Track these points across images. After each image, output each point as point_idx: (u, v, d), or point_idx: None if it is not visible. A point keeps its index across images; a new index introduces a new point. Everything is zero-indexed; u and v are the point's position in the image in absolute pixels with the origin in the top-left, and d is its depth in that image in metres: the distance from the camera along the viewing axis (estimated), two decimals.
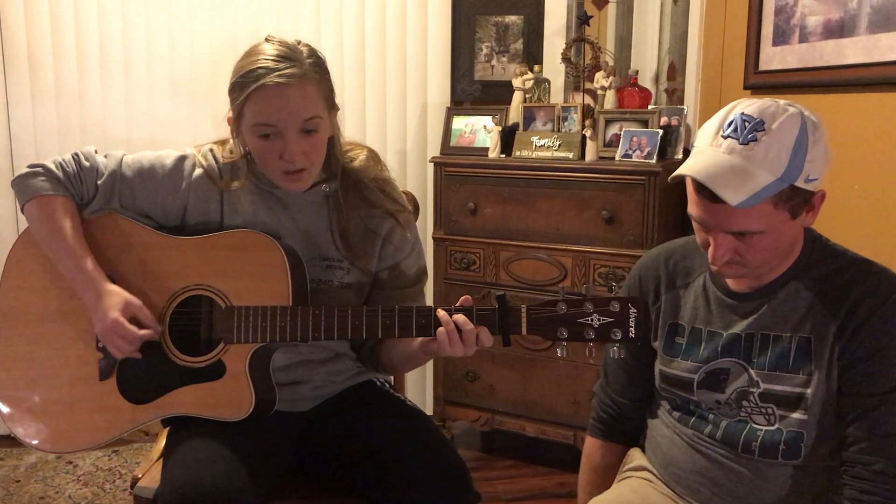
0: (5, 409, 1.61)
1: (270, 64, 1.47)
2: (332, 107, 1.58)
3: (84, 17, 2.91)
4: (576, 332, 1.38)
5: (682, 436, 1.49)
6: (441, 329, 1.41)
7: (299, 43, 1.54)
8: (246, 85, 1.47)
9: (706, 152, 1.30)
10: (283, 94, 1.47)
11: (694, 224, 1.37)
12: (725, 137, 1.28)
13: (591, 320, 1.38)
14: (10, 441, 3.02)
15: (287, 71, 1.46)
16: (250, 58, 1.50)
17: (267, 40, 1.53)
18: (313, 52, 1.54)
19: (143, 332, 1.52)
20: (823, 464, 1.37)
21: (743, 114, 1.28)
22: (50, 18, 2.89)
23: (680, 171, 1.30)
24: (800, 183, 1.26)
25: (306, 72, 1.49)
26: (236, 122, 1.54)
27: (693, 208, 1.33)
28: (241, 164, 1.62)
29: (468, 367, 2.85)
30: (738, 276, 1.40)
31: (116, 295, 1.53)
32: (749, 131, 1.26)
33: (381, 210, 1.65)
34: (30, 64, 2.90)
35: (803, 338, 1.36)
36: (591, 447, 1.67)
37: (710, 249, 1.34)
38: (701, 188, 1.28)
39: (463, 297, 1.45)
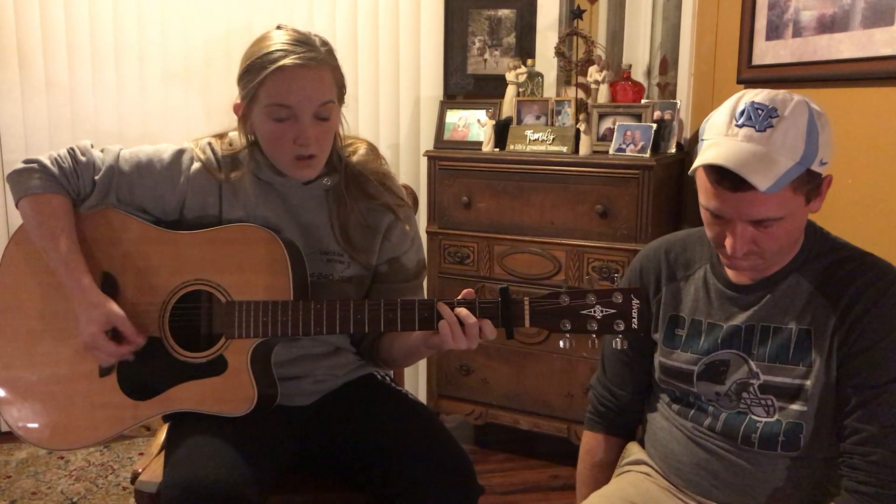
0: (5, 407, 1.60)
1: (288, 47, 1.49)
2: (342, 98, 1.59)
3: (75, 9, 2.88)
4: (579, 324, 1.38)
5: (681, 429, 1.50)
6: (443, 322, 1.41)
7: (311, 33, 1.55)
8: (263, 66, 1.48)
9: (723, 142, 1.29)
10: (301, 76, 1.48)
11: (707, 218, 1.36)
12: (740, 126, 1.28)
13: (594, 312, 1.38)
14: (1, 436, 3.00)
15: (305, 54, 1.48)
16: (265, 42, 1.51)
17: (279, 28, 1.55)
18: (326, 42, 1.56)
19: (121, 348, 1.52)
20: (822, 455, 1.38)
21: (753, 102, 1.29)
22: (40, 11, 2.86)
23: (704, 160, 1.29)
24: (815, 166, 1.27)
25: (323, 57, 1.51)
26: (247, 106, 1.54)
27: (710, 200, 1.32)
28: (241, 157, 1.61)
29: (462, 360, 2.86)
30: (752, 268, 1.39)
31: (99, 307, 1.52)
32: (764, 118, 1.27)
33: (381, 204, 1.65)
34: (19, 57, 2.87)
35: (803, 329, 1.37)
36: (590, 441, 1.67)
37: (729, 242, 1.32)
38: (720, 179, 1.27)
39: (465, 291, 1.45)
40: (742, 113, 1.29)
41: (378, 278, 1.68)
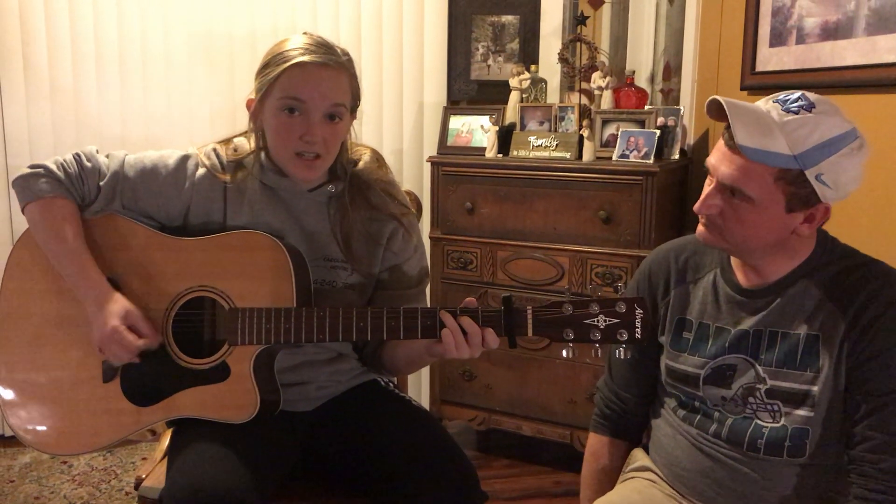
0: (8, 411, 1.60)
1: (309, 47, 1.52)
2: (354, 108, 1.60)
3: (79, 14, 2.89)
4: (582, 333, 1.38)
5: (686, 435, 1.49)
6: (446, 331, 1.41)
7: (335, 43, 1.58)
8: (283, 61, 1.50)
9: (752, 102, 1.34)
10: (318, 74, 1.50)
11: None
12: (774, 102, 1.32)
13: (598, 321, 1.38)
14: (4, 441, 3.00)
15: (325, 55, 1.52)
16: (287, 42, 1.54)
17: (304, 33, 1.57)
18: (347, 52, 1.58)
19: (141, 341, 1.51)
20: (828, 462, 1.38)
21: (803, 94, 1.32)
22: (45, 16, 2.87)
23: (715, 96, 1.33)
24: (810, 174, 1.28)
25: (342, 62, 1.54)
26: (260, 101, 1.54)
27: (711, 155, 1.37)
28: (246, 162, 1.62)
29: (465, 366, 2.85)
30: (717, 244, 1.41)
31: (117, 303, 1.52)
32: (796, 105, 1.30)
33: (384, 214, 1.65)
34: (24, 62, 2.88)
35: (811, 335, 1.37)
36: (595, 444, 1.67)
37: (700, 197, 1.37)
38: (725, 129, 1.32)
39: (467, 299, 1.45)
40: (787, 95, 1.32)
41: (380, 285, 1.68)
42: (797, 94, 1.32)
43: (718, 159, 1.34)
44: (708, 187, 1.38)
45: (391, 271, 1.68)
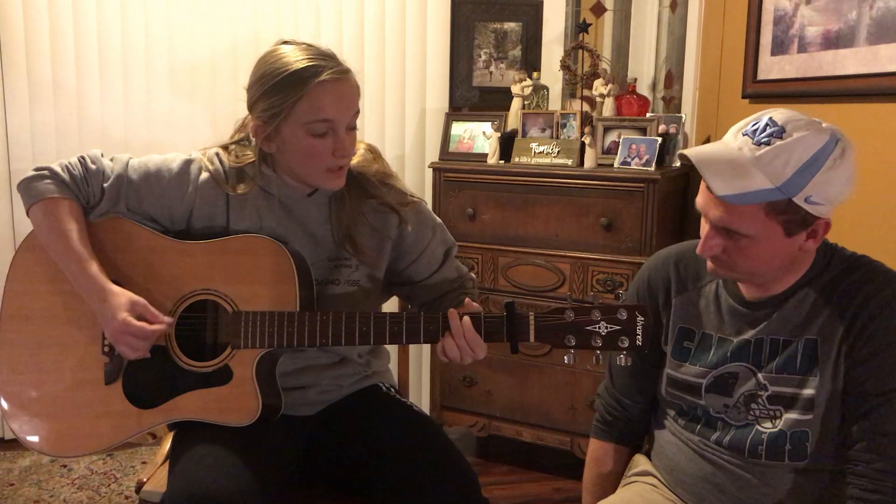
0: (9, 412, 1.60)
1: (318, 62, 1.49)
2: None
3: (83, 17, 2.90)
4: (583, 339, 1.39)
5: (688, 442, 1.50)
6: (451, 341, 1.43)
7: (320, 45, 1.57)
8: (299, 83, 1.47)
9: (720, 143, 1.33)
10: (339, 90, 1.50)
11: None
12: (744, 135, 1.30)
13: (599, 328, 1.38)
14: (4, 444, 3.00)
15: (338, 67, 1.50)
16: (285, 59, 1.50)
17: (286, 42, 1.55)
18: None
19: (154, 327, 1.50)
20: (828, 466, 1.39)
21: (770, 118, 1.29)
22: (48, 19, 2.87)
23: (685, 151, 1.32)
24: (798, 200, 1.26)
25: (349, 67, 1.53)
26: (278, 124, 1.51)
27: (698, 195, 1.36)
28: (248, 170, 1.62)
29: (466, 372, 2.86)
30: (729, 276, 1.42)
31: (121, 295, 1.52)
32: (766, 135, 1.28)
33: (383, 204, 1.65)
34: (27, 65, 2.89)
35: (810, 339, 1.37)
36: (596, 450, 1.68)
37: (700, 239, 1.37)
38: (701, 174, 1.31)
39: (472, 304, 1.46)
40: (754, 125, 1.30)
41: (413, 277, 1.69)
42: (764, 120, 1.29)
43: (705, 202, 1.33)
44: (705, 226, 1.37)
45: (419, 261, 1.68)
